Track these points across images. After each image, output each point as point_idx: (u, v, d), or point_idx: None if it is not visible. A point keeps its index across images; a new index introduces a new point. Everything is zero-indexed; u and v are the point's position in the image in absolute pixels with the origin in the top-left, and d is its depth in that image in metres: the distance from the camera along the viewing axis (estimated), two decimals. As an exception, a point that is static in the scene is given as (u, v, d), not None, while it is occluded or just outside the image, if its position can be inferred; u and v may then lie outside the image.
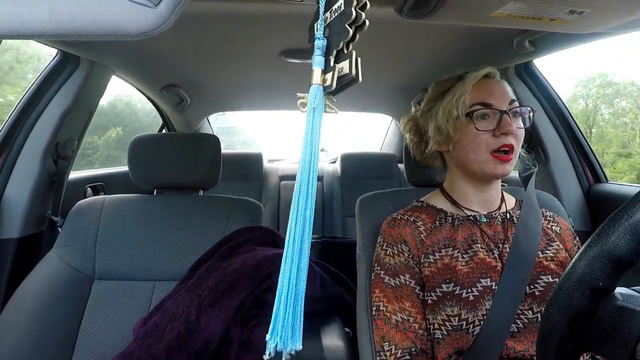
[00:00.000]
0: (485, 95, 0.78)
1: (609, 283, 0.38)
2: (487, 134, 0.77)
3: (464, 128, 0.79)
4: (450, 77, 0.85)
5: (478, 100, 0.78)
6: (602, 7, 0.70)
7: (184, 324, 0.84)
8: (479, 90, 0.79)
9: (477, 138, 0.77)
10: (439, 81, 0.87)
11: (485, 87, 0.79)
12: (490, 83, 0.80)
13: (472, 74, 0.80)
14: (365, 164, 2.62)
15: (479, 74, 0.79)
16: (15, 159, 1.22)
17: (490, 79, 0.81)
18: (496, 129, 0.76)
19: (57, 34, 0.35)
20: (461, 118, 0.78)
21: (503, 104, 0.77)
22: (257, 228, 1.10)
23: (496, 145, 0.76)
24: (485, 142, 0.77)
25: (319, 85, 0.39)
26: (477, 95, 0.78)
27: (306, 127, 0.39)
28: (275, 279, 0.93)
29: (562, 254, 0.78)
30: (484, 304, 0.71)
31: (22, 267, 1.17)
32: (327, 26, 0.40)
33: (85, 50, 1.22)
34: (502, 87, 0.80)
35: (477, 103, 0.78)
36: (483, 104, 0.78)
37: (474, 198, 0.85)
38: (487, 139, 0.77)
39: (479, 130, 0.77)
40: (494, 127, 0.77)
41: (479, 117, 0.78)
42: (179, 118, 2.29)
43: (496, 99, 0.78)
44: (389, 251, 0.82)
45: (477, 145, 0.78)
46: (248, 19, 1.06)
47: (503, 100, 0.78)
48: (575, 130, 1.41)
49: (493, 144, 0.76)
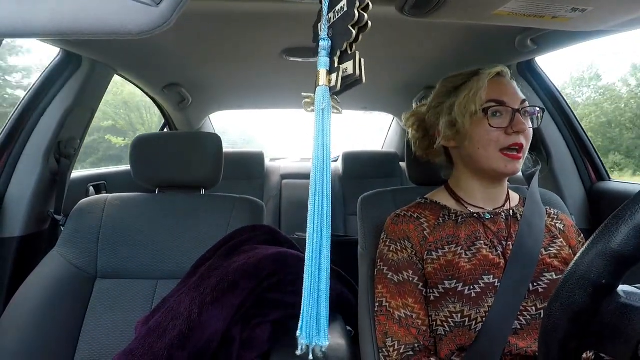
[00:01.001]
0: (499, 92, 0.78)
1: (611, 280, 0.38)
2: (499, 131, 0.77)
3: (478, 124, 0.79)
4: (462, 72, 0.85)
5: (492, 97, 0.78)
6: (604, 4, 0.70)
7: (185, 322, 0.84)
8: (493, 88, 0.79)
9: (489, 135, 0.77)
10: (449, 76, 0.87)
11: (498, 85, 0.79)
12: (502, 82, 0.80)
13: (486, 70, 0.80)
14: (367, 162, 2.62)
15: (492, 71, 0.80)
16: (17, 158, 1.22)
17: (502, 78, 0.81)
18: (509, 127, 0.76)
19: (59, 33, 0.35)
20: (478, 113, 0.78)
21: (515, 103, 0.78)
22: (258, 227, 1.10)
23: (507, 143, 0.76)
24: (497, 139, 0.77)
25: (325, 86, 0.39)
26: (491, 92, 0.79)
27: (316, 129, 0.39)
28: (280, 277, 0.94)
29: (566, 251, 0.78)
30: (486, 300, 0.71)
31: (25, 266, 1.18)
32: (330, 27, 0.40)
33: (87, 49, 1.22)
34: (513, 86, 0.80)
35: (491, 100, 0.78)
36: (497, 101, 0.78)
37: (480, 194, 0.85)
38: (498, 136, 0.77)
39: (492, 127, 0.77)
40: (506, 125, 0.77)
41: (492, 114, 0.78)
42: (180, 117, 2.29)
43: (509, 97, 0.78)
44: (393, 247, 0.82)
45: (488, 141, 0.78)
46: (250, 17, 1.06)
47: (515, 100, 0.78)
48: (577, 129, 1.40)
49: (504, 141, 0.77)
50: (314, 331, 0.37)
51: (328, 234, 0.38)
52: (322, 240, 0.38)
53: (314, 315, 0.37)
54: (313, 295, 0.37)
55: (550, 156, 1.40)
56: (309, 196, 0.39)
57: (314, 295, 0.37)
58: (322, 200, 0.38)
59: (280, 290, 0.95)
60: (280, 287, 0.95)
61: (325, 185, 0.38)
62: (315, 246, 0.38)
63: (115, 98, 7.37)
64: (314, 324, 0.37)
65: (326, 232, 0.38)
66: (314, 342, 0.37)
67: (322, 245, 0.38)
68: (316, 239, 0.38)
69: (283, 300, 0.94)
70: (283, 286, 0.95)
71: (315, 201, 0.38)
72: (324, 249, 0.38)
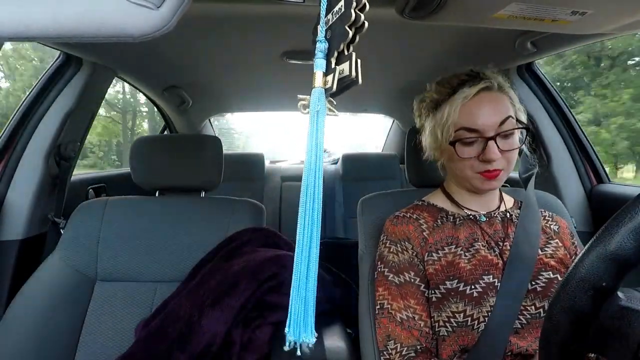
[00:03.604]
0: (474, 118, 0.74)
1: (611, 283, 0.38)
2: (472, 159, 0.76)
3: (449, 151, 0.78)
4: (447, 83, 0.80)
5: (464, 124, 0.75)
6: (604, 8, 0.70)
7: (186, 325, 0.84)
8: (467, 113, 0.75)
9: (461, 163, 0.77)
10: (437, 86, 0.83)
11: (475, 108, 0.74)
12: (482, 101, 0.74)
13: (464, 92, 0.75)
14: (367, 164, 2.62)
15: (470, 91, 0.74)
16: (18, 161, 1.22)
17: (485, 94, 0.75)
18: (481, 154, 0.74)
19: (60, 35, 0.35)
20: (444, 145, 0.78)
21: (491, 127, 0.73)
22: (259, 229, 1.10)
23: (481, 169, 0.75)
24: (471, 165, 0.76)
25: (321, 88, 0.39)
26: (464, 118, 0.75)
27: (310, 130, 0.39)
28: (280, 279, 0.94)
29: (561, 251, 0.79)
30: (487, 300, 0.72)
31: (25, 269, 1.18)
32: (328, 28, 0.40)
33: (87, 51, 1.22)
34: (496, 103, 0.75)
35: (463, 127, 0.75)
36: (469, 129, 0.75)
37: (471, 200, 0.85)
38: (472, 163, 0.76)
39: (462, 157, 0.76)
40: (478, 153, 0.75)
41: (463, 143, 0.76)
42: (180, 119, 2.29)
43: (485, 120, 0.73)
44: (393, 249, 0.82)
45: (463, 167, 0.78)
46: (250, 20, 1.06)
47: (493, 121, 0.73)
48: (577, 131, 1.40)
49: (478, 167, 0.76)
50: (301, 328, 0.39)
51: (317, 234, 0.39)
52: (311, 240, 0.39)
53: (301, 314, 0.39)
54: (300, 294, 0.39)
55: (550, 159, 1.40)
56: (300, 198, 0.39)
57: (301, 295, 0.38)
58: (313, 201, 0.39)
59: (281, 293, 0.95)
60: (281, 289, 0.95)
61: (316, 185, 0.39)
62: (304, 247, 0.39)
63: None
64: (301, 321, 0.39)
65: (316, 232, 0.39)
66: (301, 338, 0.39)
67: (312, 245, 0.39)
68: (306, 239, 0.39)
69: (283, 302, 0.94)
70: (283, 288, 0.95)
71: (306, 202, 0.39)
72: (313, 250, 0.39)
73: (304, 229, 0.39)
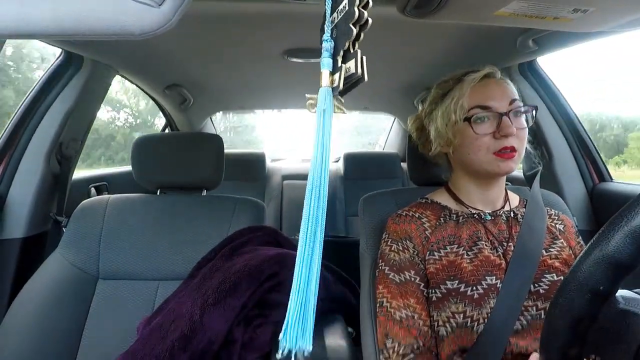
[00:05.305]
0: (484, 97, 0.77)
1: (609, 287, 0.38)
2: (488, 136, 0.76)
3: (464, 132, 0.78)
4: (450, 77, 0.84)
5: (477, 103, 0.77)
6: (606, 5, 0.70)
7: (187, 323, 0.84)
8: (478, 93, 0.78)
9: (477, 141, 0.77)
10: (440, 82, 0.86)
11: (484, 89, 0.78)
12: (489, 84, 0.79)
13: (470, 76, 0.79)
14: (368, 163, 2.62)
15: (477, 75, 0.78)
16: (19, 159, 1.22)
17: (490, 79, 0.79)
18: (496, 132, 0.76)
19: (61, 33, 0.35)
20: (459, 123, 0.78)
21: (503, 106, 0.76)
22: (260, 228, 1.10)
23: (497, 147, 0.76)
24: (486, 144, 0.77)
25: (328, 87, 0.39)
26: (475, 97, 0.78)
27: (317, 129, 0.38)
28: (281, 278, 0.94)
29: (566, 251, 0.78)
30: (488, 301, 0.71)
31: (27, 267, 1.18)
32: (334, 27, 0.40)
33: (88, 49, 1.22)
34: (503, 87, 0.79)
35: (476, 106, 0.77)
36: (482, 106, 0.77)
37: (477, 197, 0.85)
38: (487, 141, 0.76)
39: (478, 134, 0.76)
40: (493, 130, 0.76)
41: (477, 121, 0.77)
42: (182, 118, 2.29)
43: (495, 100, 0.77)
44: (394, 247, 0.82)
45: (478, 147, 0.77)
46: (251, 18, 1.06)
47: (503, 101, 0.77)
48: (579, 129, 1.40)
49: (494, 145, 0.76)
50: (298, 334, 0.36)
51: (322, 234, 0.38)
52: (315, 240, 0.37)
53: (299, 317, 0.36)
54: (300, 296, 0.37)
55: (552, 157, 1.40)
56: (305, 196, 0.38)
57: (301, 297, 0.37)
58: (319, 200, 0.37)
59: (282, 291, 0.95)
60: (282, 288, 0.95)
61: (322, 184, 0.38)
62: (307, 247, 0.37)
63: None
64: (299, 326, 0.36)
65: (320, 232, 0.37)
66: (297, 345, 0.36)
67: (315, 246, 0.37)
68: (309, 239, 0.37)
69: (284, 301, 0.94)
70: (284, 287, 0.95)
71: (311, 200, 0.38)
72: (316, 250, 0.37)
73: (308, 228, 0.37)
